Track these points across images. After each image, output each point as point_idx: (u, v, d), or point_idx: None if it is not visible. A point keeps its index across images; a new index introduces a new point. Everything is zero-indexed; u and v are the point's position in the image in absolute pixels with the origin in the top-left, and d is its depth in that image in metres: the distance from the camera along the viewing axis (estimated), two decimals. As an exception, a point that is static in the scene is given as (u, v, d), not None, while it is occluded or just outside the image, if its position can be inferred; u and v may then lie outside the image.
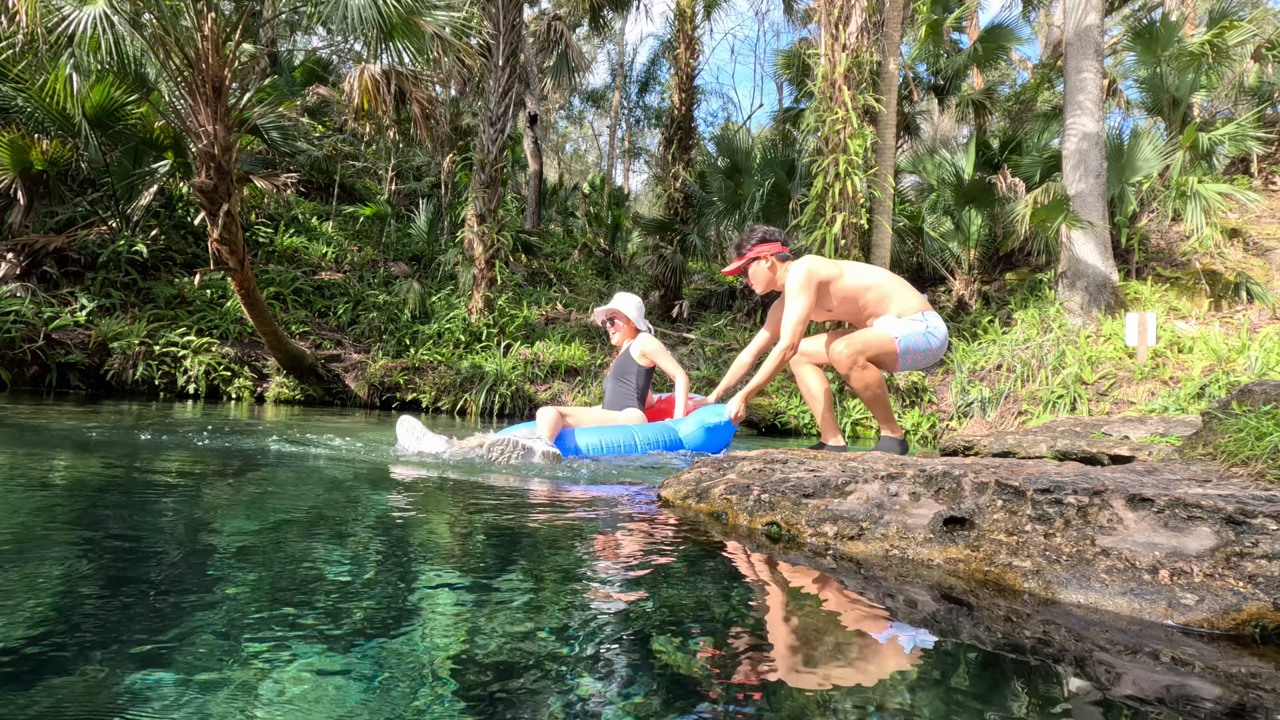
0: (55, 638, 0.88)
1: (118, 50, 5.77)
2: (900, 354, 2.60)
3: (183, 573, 1.16)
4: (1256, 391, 1.91)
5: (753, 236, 2.88)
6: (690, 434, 3.35)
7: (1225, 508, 1.22)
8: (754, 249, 2.86)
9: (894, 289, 2.72)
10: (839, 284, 2.73)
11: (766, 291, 2.93)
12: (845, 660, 0.92)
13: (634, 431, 3.26)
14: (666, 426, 3.37)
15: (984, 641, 1.00)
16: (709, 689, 0.81)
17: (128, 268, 7.57)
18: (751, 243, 2.87)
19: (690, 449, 3.34)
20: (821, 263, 2.72)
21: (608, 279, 13.87)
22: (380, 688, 0.78)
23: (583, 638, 0.95)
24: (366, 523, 1.62)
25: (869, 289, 2.73)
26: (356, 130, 12.72)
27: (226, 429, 3.79)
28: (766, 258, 2.86)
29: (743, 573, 1.34)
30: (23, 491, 1.78)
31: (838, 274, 2.73)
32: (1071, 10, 8.48)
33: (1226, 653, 0.97)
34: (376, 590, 1.12)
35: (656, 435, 3.29)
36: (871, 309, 2.74)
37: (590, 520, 1.76)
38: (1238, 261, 8.82)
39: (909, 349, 2.61)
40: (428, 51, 6.43)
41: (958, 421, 7.07)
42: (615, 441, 3.18)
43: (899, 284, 2.74)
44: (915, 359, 2.64)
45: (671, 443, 3.32)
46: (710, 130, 25.84)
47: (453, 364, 8.04)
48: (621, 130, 28.10)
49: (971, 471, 1.57)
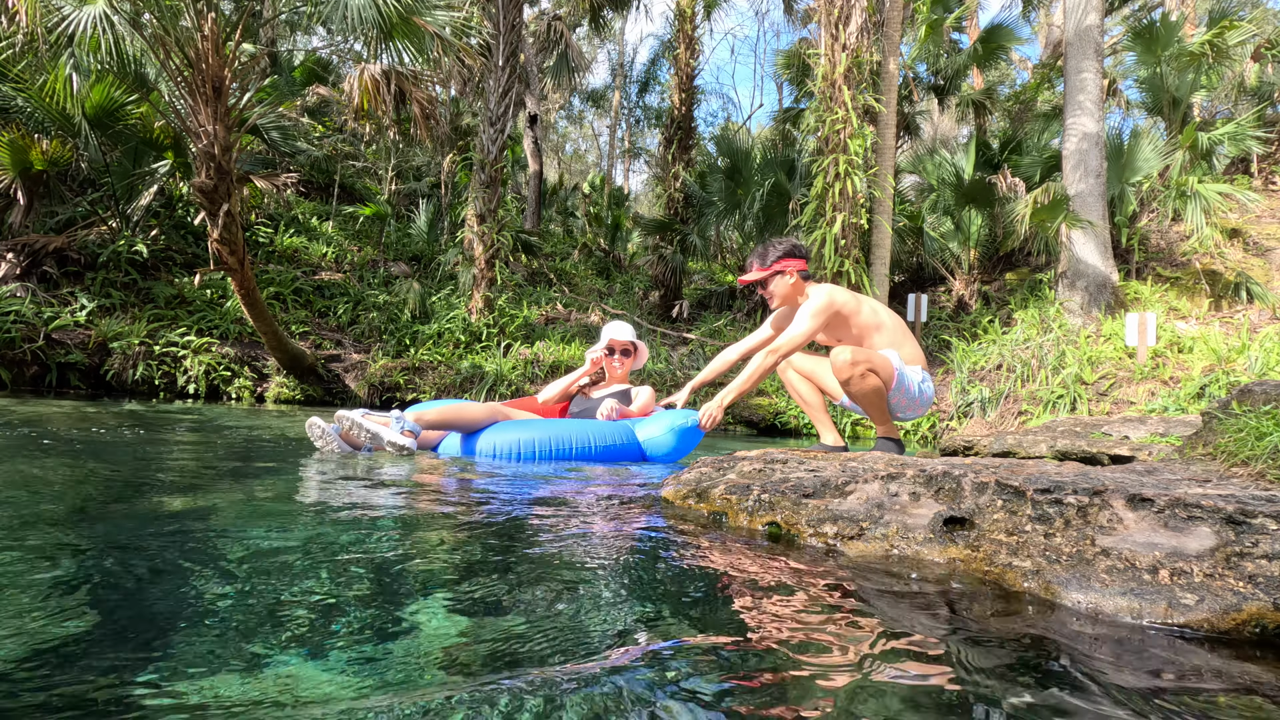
0: (48, 646, 0.88)
1: (118, 50, 5.77)
2: (895, 384, 2.59)
3: (178, 576, 1.16)
4: (1256, 391, 1.91)
5: (779, 248, 2.80)
6: (655, 439, 3.09)
7: (1225, 508, 1.22)
8: (780, 262, 2.79)
9: (902, 338, 2.74)
10: (854, 319, 2.73)
11: (783, 305, 2.85)
12: (845, 660, 0.91)
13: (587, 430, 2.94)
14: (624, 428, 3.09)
15: (984, 642, 1.00)
16: (709, 689, 0.81)
17: (128, 268, 7.57)
18: (778, 255, 2.79)
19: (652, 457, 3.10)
20: (843, 294, 2.72)
21: (608, 279, 13.87)
22: (380, 690, 0.78)
23: (580, 638, 0.95)
24: (362, 524, 1.61)
25: (879, 330, 2.73)
26: (356, 130, 12.73)
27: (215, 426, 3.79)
28: (792, 273, 2.80)
29: (743, 573, 1.34)
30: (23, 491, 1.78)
31: (855, 310, 2.73)
32: (1071, 10, 8.48)
33: (1226, 653, 0.97)
34: (370, 589, 1.12)
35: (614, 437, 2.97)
36: (875, 349, 2.74)
37: (590, 520, 1.76)
38: (1238, 261, 8.82)
39: (904, 387, 2.60)
40: (428, 51, 6.43)
41: (958, 421, 7.07)
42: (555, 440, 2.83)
43: (907, 334, 2.77)
44: (903, 400, 2.63)
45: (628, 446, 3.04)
46: (710, 130, 25.89)
47: (453, 364, 8.04)
48: (621, 130, 28.12)
49: (971, 471, 1.57)
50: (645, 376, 8.22)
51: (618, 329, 3.62)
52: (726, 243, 13.14)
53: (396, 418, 2.76)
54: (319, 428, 2.81)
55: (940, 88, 12.49)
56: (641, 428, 3.17)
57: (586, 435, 2.91)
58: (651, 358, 8.95)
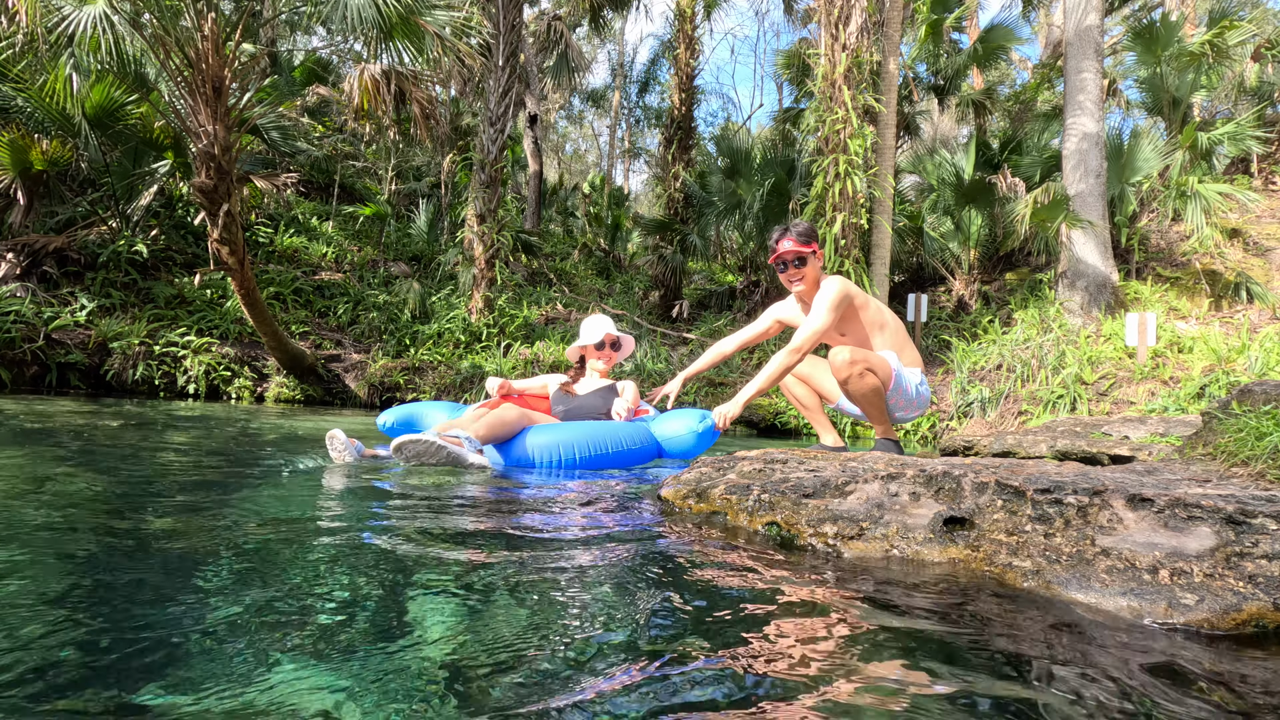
0: (49, 649, 0.88)
1: (118, 50, 5.77)
2: (893, 384, 2.60)
3: (180, 575, 1.16)
4: (1256, 391, 1.91)
5: (808, 232, 2.76)
6: (678, 436, 3.07)
7: (1225, 508, 1.22)
8: (812, 244, 2.75)
9: (901, 340, 2.75)
10: (862, 313, 2.73)
11: (802, 293, 2.82)
12: (844, 660, 0.91)
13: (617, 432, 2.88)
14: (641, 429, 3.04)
15: (983, 642, 1.00)
16: (708, 689, 0.81)
17: (128, 268, 7.57)
18: (810, 237, 2.75)
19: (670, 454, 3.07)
20: (854, 286, 2.73)
21: (608, 279, 13.87)
22: (379, 691, 0.78)
23: (580, 639, 0.95)
24: (359, 526, 1.61)
25: (883, 329, 2.74)
26: (356, 130, 12.73)
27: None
28: (820, 256, 2.80)
29: (743, 573, 1.34)
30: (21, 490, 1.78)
31: (864, 304, 2.74)
32: (1071, 10, 8.48)
33: (1226, 653, 0.97)
34: (373, 595, 1.12)
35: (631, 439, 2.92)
36: (875, 350, 2.75)
37: (589, 520, 1.76)
38: (1238, 261, 8.82)
39: (902, 388, 2.62)
40: (428, 51, 6.43)
41: (958, 421, 7.07)
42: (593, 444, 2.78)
43: (907, 338, 2.79)
44: (901, 401, 2.65)
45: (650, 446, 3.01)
46: (710, 130, 25.88)
47: (453, 364, 8.04)
48: (621, 130, 28.11)
49: (971, 471, 1.57)
50: (646, 376, 8.22)
51: (601, 323, 3.50)
52: (726, 243, 13.12)
53: (466, 439, 2.58)
54: (340, 442, 2.62)
55: (940, 88, 12.49)
56: (659, 425, 3.14)
57: (619, 438, 2.87)
58: (651, 357, 8.94)
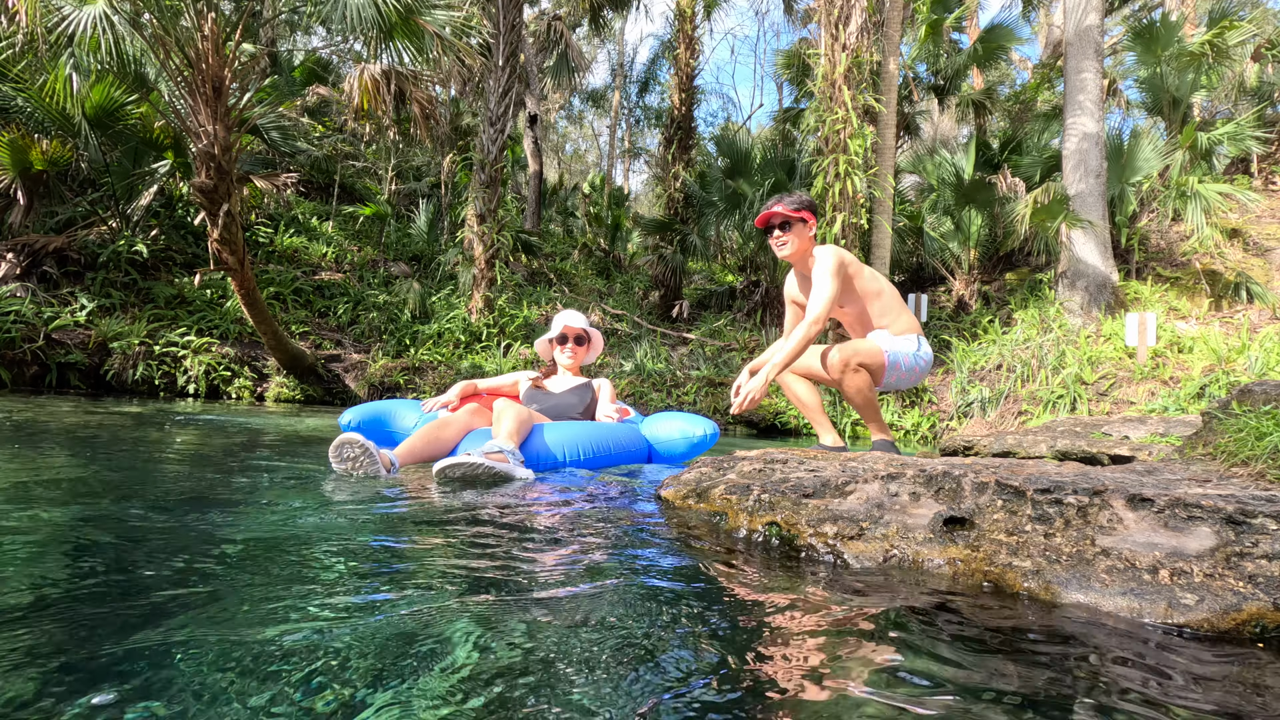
0: (45, 640, 0.88)
1: (118, 50, 5.77)
2: (887, 368, 2.64)
3: (184, 574, 1.16)
4: (1256, 391, 1.91)
5: (804, 199, 2.75)
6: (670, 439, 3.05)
7: (1225, 508, 1.22)
8: (804, 212, 2.73)
9: (897, 305, 2.77)
10: (857, 281, 2.74)
11: (788, 258, 2.80)
12: (844, 660, 0.91)
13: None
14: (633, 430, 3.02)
15: (983, 642, 1.00)
16: (708, 689, 0.81)
17: (128, 268, 7.57)
18: (804, 205, 2.73)
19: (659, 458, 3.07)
20: (848, 254, 2.73)
21: (608, 279, 13.87)
22: (380, 693, 0.78)
23: (580, 639, 0.95)
24: (361, 530, 1.61)
25: (879, 296, 2.76)
26: (356, 130, 12.72)
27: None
28: (811, 225, 2.77)
29: (742, 573, 1.34)
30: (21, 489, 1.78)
31: (859, 272, 2.75)
32: (1071, 10, 8.49)
33: (1227, 653, 0.97)
34: (375, 596, 1.12)
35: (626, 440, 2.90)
36: (873, 319, 2.77)
37: (589, 520, 1.76)
38: (1238, 261, 8.82)
39: (896, 364, 2.65)
40: (428, 51, 6.44)
41: (958, 421, 7.07)
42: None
43: (900, 302, 2.80)
44: (900, 376, 2.68)
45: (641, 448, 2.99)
46: (710, 130, 25.87)
47: (453, 364, 8.04)
48: (621, 130, 28.10)
49: (971, 471, 1.57)
50: (646, 377, 8.22)
51: (564, 317, 3.40)
52: (726, 243, 13.12)
53: (510, 452, 2.43)
54: (360, 446, 2.30)
55: (940, 88, 12.49)
56: (650, 426, 3.13)
57: (620, 439, 2.90)
58: (651, 358, 8.94)
